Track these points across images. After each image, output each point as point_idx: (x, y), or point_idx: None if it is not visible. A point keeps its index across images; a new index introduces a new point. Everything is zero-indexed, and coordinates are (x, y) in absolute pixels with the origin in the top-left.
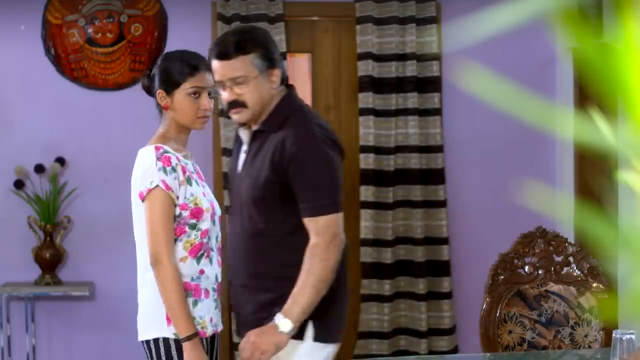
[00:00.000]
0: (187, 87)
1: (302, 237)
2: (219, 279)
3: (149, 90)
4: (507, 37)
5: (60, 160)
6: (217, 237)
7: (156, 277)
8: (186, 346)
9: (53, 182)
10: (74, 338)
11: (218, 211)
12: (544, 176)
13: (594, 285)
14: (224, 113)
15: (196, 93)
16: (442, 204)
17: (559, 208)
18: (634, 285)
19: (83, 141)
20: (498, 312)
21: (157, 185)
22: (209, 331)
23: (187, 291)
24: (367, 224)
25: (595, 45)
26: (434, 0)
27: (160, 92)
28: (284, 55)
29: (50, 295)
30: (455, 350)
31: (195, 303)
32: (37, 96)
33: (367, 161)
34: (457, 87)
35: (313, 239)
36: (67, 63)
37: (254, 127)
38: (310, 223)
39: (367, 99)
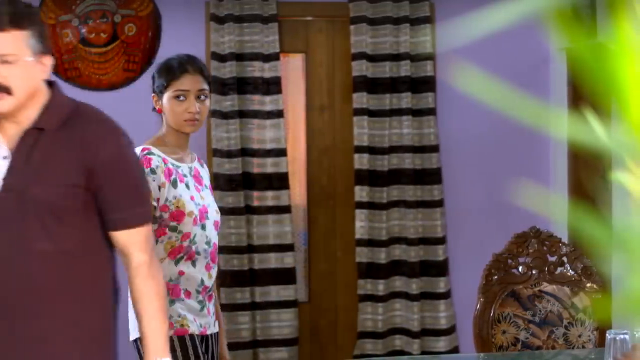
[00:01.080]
0: (171, 90)
1: (99, 262)
2: (206, 283)
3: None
4: (501, 37)
5: None
6: (208, 242)
7: None
8: None
9: None
10: None
11: (213, 216)
12: (538, 176)
13: (588, 285)
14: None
15: (180, 96)
16: (437, 203)
17: (553, 208)
18: (628, 285)
19: None
20: (492, 312)
21: None
22: (194, 330)
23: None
24: (362, 224)
25: (589, 45)
26: (427, 0)
27: (153, 96)
28: (277, 56)
29: None
30: (455, 350)
31: (171, 302)
32: None
33: (361, 161)
34: (451, 87)
35: (137, 257)
36: (61, 63)
37: (29, 126)
38: (129, 237)
39: (361, 99)
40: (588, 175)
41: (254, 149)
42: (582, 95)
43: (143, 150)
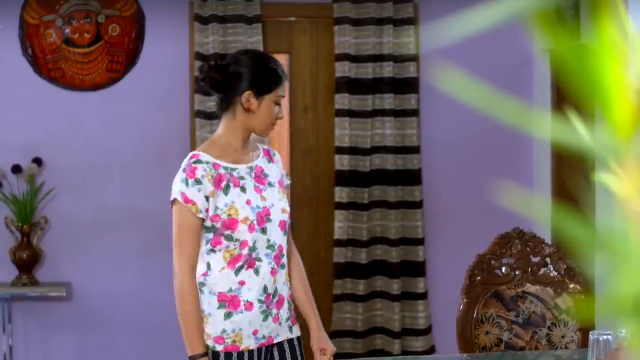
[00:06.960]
0: (273, 95)
1: None
2: (270, 290)
3: (219, 85)
4: (485, 38)
5: (38, 161)
6: (271, 245)
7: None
8: None
9: (30, 182)
10: (51, 338)
11: (277, 216)
12: (522, 177)
13: (571, 286)
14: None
15: (280, 102)
16: (418, 204)
17: (536, 209)
18: (610, 286)
19: (60, 141)
20: (475, 312)
21: (176, 199)
22: (246, 345)
23: (221, 302)
24: (341, 224)
25: (572, 46)
26: (411, 2)
27: (249, 93)
28: None
29: (27, 296)
30: (431, 350)
31: (228, 315)
32: (14, 96)
33: (342, 162)
34: (434, 88)
35: None
36: (45, 63)
37: None
38: None
39: (343, 100)
40: (571, 177)
41: None
42: (565, 96)
43: (191, 158)
